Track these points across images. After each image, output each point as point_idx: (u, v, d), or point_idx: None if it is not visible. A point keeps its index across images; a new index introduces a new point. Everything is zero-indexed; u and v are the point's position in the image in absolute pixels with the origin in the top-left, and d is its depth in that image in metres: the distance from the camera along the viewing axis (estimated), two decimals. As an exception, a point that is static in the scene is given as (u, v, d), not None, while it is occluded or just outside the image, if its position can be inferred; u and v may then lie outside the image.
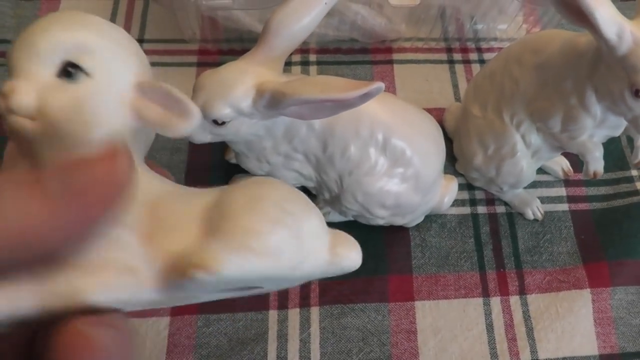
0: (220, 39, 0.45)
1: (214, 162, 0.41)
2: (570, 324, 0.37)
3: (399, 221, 0.37)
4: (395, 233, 0.39)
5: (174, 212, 0.16)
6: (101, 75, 0.17)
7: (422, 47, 0.48)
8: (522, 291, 0.38)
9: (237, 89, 0.28)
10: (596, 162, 0.33)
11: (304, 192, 0.19)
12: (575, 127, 0.33)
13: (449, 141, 0.42)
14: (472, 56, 0.48)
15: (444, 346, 0.36)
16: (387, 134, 0.32)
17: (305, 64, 0.47)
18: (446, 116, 0.44)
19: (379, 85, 0.25)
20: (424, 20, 0.46)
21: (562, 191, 0.42)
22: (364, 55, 0.48)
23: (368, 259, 0.38)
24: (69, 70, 0.16)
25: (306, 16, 0.29)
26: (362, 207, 0.34)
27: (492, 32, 0.49)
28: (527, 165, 0.37)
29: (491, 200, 0.41)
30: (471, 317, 0.37)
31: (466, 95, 0.40)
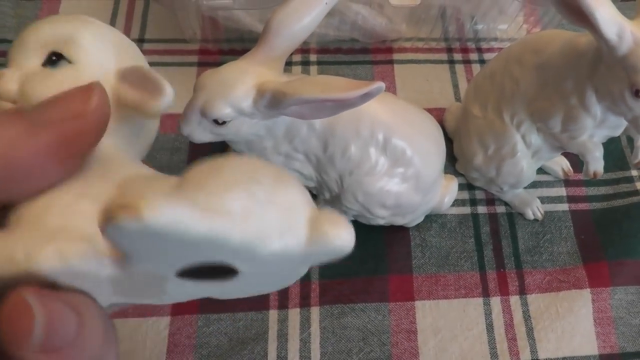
0: (221, 38, 0.45)
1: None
2: (570, 324, 0.37)
3: (399, 221, 0.37)
4: (396, 233, 0.39)
5: (142, 187, 0.15)
6: (82, 63, 0.18)
7: (422, 47, 0.49)
8: (522, 291, 0.38)
9: (237, 89, 0.28)
10: (596, 162, 0.33)
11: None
12: (576, 127, 0.33)
13: (449, 141, 0.42)
14: (473, 56, 0.48)
15: (444, 346, 0.36)
16: (388, 133, 0.32)
17: (305, 64, 0.47)
18: (446, 116, 0.44)
19: (380, 85, 0.25)
20: (425, 20, 0.46)
21: (562, 191, 0.42)
22: (365, 55, 0.48)
23: (368, 258, 0.39)
24: (53, 59, 0.18)
25: (307, 16, 0.29)
26: (362, 207, 0.34)
27: (492, 32, 0.49)
28: (528, 165, 0.37)
29: (491, 200, 0.41)
30: (471, 317, 0.37)
31: (466, 95, 0.40)
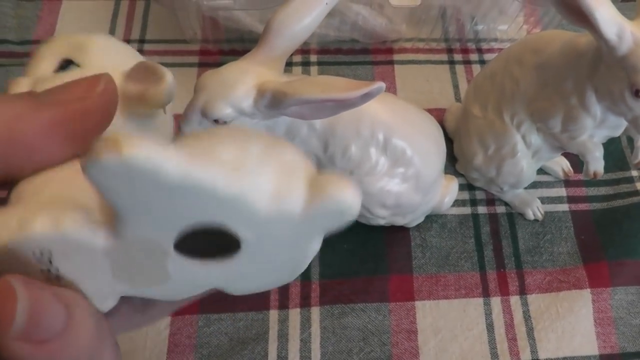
0: (221, 39, 0.45)
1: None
2: (570, 324, 0.37)
3: (399, 221, 0.37)
4: (396, 233, 0.39)
5: None
6: (90, 65, 0.18)
7: (422, 48, 0.49)
8: (523, 291, 0.38)
9: (238, 89, 0.28)
10: (596, 162, 0.33)
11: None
12: (576, 127, 0.33)
13: (449, 141, 0.42)
14: (473, 57, 0.48)
15: (444, 346, 0.36)
16: (388, 133, 0.32)
17: (306, 64, 0.47)
18: (447, 116, 0.44)
19: (380, 85, 0.25)
20: (425, 21, 0.46)
21: (562, 191, 0.42)
22: (365, 55, 0.48)
23: (368, 258, 0.39)
24: (64, 66, 0.18)
25: (307, 16, 0.29)
26: (362, 207, 0.34)
27: (492, 33, 0.49)
28: (528, 165, 0.37)
29: (491, 201, 0.42)
30: (471, 317, 0.37)
31: (467, 95, 0.40)
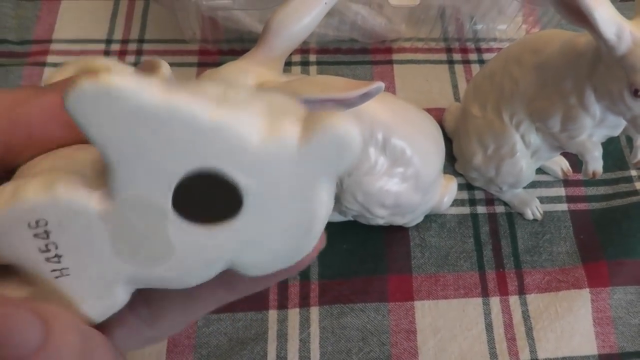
0: (221, 39, 0.45)
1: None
2: (569, 324, 0.37)
3: (398, 221, 0.37)
4: (395, 233, 0.39)
5: None
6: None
7: (421, 48, 0.49)
8: (522, 291, 0.38)
9: (237, 89, 0.28)
10: (595, 162, 0.33)
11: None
12: (575, 127, 0.33)
13: (448, 141, 0.42)
14: (472, 56, 0.48)
15: (443, 346, 0.36)
16: (387, 133, 0.32)
17: (305, 64, 0.47)
18: (446, 116, 0.44)
19: (379, 85, 0.25)
20: (424, 21, 0.46)
21: (561, 191, 0.42)
22: (364, 55, 0.48)
23: (368, 258, 0.39)
24: None
25: (306, 16, 0.29)
26: (361, 206, 0.34)
27: (491, 33, 0.49)
28: (527, 165, 0.37)
29: (491, 200, 0.42)
30: (470, 317, 0.37)
31: (466, 95, 0.40)
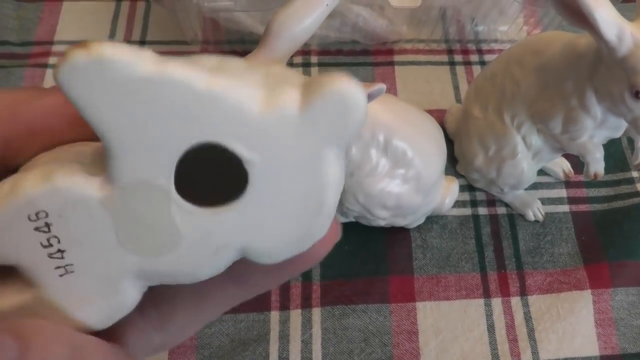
0: (222, 40, 0.46)
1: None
2: (571, 325, 0.37)
3: (400, 222, 0.37)
4: (397, 234, 0.39)
5: None
6: None
7: (423, 49, 0.49)
8: (523, 292, 0.38)
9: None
10: (597, 164, 0.33)
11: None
12: (576, 128, 0.33)
13: (449, 142, 0.42)
14: (473, 58, 0.49)
15: (445, 347, 0.36)
16: (389, 135, 0.32)
17: (306, 65, 0.47)
18: (447, 117, 0.44)
19: (381, 87, 0.25)
20: (425, 22, 0.47)
21: (562, 192, 0.42)
22: (365, 57, 0.48)
23: (369, 259, 0.39)
24: None
25: (307, 18, 0.29)
26: (363, 208, 0.35)
27: (492, 34, 0.49)
28: (528, 166, 0.37)
29: (492, 202, 0.42)
30: (472, 318, 0.37)
31: (467, 96, 0.40)
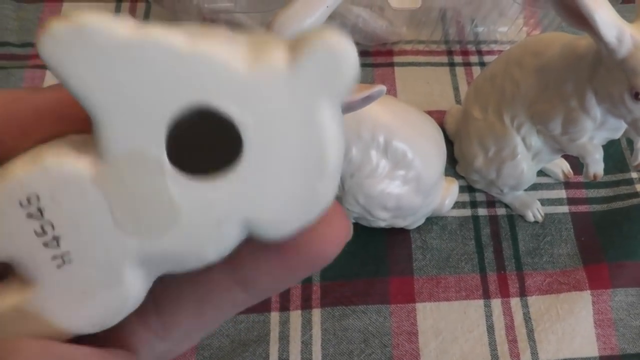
0: (222, 41, 0.46)
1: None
2: (570, 326, 0.37)
3: (400, 223, 0.37)
4: (396, 235, 0.39)
5: None
6: None
7: (423, 50, 0.49)
8: (523, 293, 0.38)
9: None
10: (596, 165, 0.33)
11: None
12: (576, 130, 0.33)
13: (449, 144, 0.42)
14: (473, 59, 0.49)
15: (445, 348, 0.36)
16: (389, 136, 0.33)
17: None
18: (447, 118, 0.44)
19: (381, 89, 0.25)
20: (425, 23, 0.47)
21: (562, 193, 0.42)
22: (365, 57, 0.48)
23: (369, 260, 0.39)
24: None
25: (308, 19, 0.29)
26: (363, 209, 0.35)
27: (492, 35, 0.49)
28: (528, 167, 0.37)
29: (492, 203, 0.42)
30: (472, 319, 0.37)
31: (467, 97, 0.40)
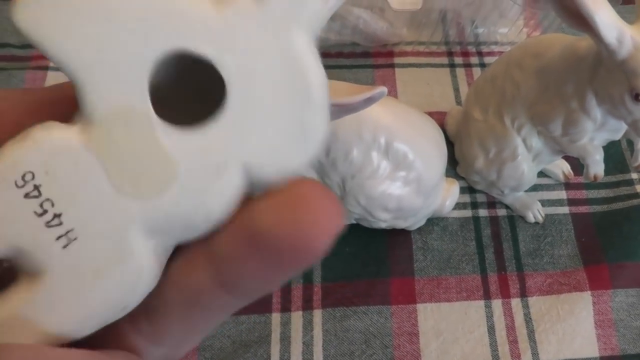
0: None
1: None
2: (571, 326, 0.37)
3: (401, 224, 0.37)
4: (397, 236, 0.39)
5: None
6: None
7: (423, 51, 0.49)
8: (524, 294, 0.38)
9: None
10: (596, 165, 0.33)
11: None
12: (576, 131, 0.33)
13: (450, 145, 0.42)
14: (473, 60, 0.49)
15: (445, 348, 0.36)
16: (390, 137, 0.33)
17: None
18: (447, 120, 0.44)
19: (382, 90, 0.25)
20: (425, 24, 0.47)
21: (562, 194, 0.42)
22: (366, 59, 0.48)
23: (370, 261, 0.39)
24: None
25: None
26: (364, 210, 0.35)
27: (492, 36, 0.49)
28: (528, 168, 0.38)
29: (492, 204, 0.42)
30: (473, 320, 0.37)
31: (467, 98, 0.41)
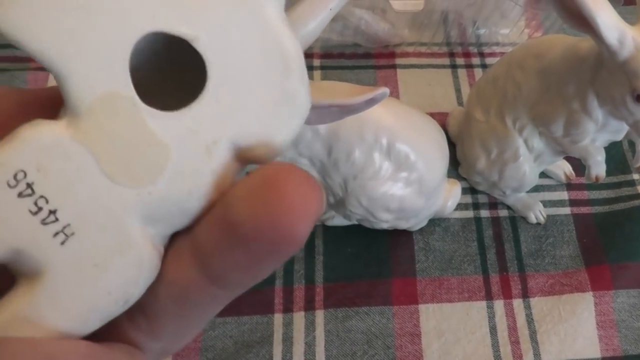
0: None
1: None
2: (572, 327, 0.37)
3: (402, 225, 0.37)
4: (399, 237, 0.40)
5: None
6: None
7: (425, 52, 0.49)
8: (525, 294, 0.38)
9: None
10: (598, 166, 0.33)
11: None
12: (577, 132, 0.33)
13: (452, 145, 0.42)
14: (475, 61, 0.49)
15: (447, 349, 0.36)
16: (392, 138, 0.33)
17: (309, 68, 0.47)
18: (449, 120, 0.44)
19: (384, 91, 0.25)
20: (427, 25, 0.47)
21: (564, 195, 0.42)
22: (367, 60, 0.48)
23: (372, 262, 0.39)
24: None
25: (311, 21, 0.29)
26: (366, 211, 0.35)
27: (494, 37, 0.49)
28: (530, 169, 0.38)
29: (494, 204, 0.42)
30: (474, 320, 0.37)
31: (469, 99, 0.41)
